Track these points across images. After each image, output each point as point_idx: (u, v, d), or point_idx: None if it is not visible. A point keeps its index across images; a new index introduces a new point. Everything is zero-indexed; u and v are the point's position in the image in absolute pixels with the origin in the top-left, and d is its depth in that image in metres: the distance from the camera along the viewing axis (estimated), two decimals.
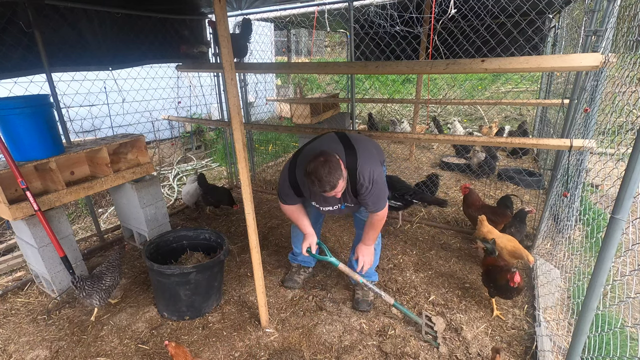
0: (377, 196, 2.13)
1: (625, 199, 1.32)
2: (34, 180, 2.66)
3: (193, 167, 6.24)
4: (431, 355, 2.15)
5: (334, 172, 1.85)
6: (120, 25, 3.36)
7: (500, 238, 2.72)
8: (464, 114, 8.80)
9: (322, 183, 1.85)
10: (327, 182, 1.84)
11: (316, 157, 1.89)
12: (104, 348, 2.27)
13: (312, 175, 1.86)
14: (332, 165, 1.85)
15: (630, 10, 2.09)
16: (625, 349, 1.70)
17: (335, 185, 1.87)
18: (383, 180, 2.16)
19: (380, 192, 2.13)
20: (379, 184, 2.11)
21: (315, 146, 2.17)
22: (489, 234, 2.76)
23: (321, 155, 1.89)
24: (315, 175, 1.85)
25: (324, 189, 1.87)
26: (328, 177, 1.84)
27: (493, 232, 2.77)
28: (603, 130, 2.76)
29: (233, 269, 3.07)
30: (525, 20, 3.49)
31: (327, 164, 1.85)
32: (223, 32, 1.64)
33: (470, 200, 3.31)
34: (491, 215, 3.08)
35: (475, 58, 2.33)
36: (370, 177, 2.07)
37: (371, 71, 2.80)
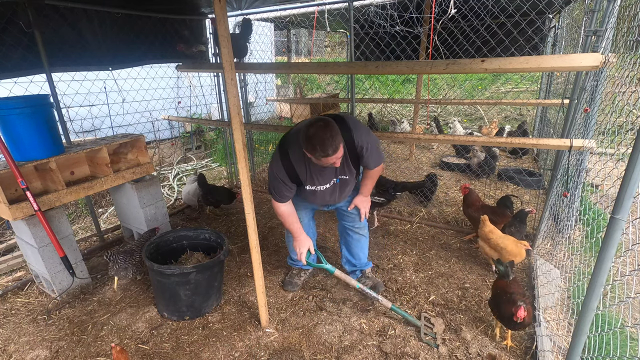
0: (378, 154, 2.26)
1: (625, 199, 1.32)
2: (34, 180, 2.66)
3: (193, 167, 6.24)
4: (431, 355, 2.15)
5: (335, 135, 1.83)
6: (120, 25, 3.36)
7: (502, 238, 2.71)
8: (464, 114, 8.80)
9: (325, 146, 1.81)
10: (329, 144, 1.81)
11: (313, 123, 1.85)
12: (104, 348, 2.27)
13: (313, 139, 1.82)
14: (332, 128, 1.84)
15: (630, 10, 2.09)
16: (625, 349, 1.70)
17: (337, 147, 1.85)
18: (377, 142, 2.27)
19: (378, 149, 2.27)
20: (375, 144, 2.22)
21: (301, 125, 2.11)
22: (490, 233, 2.75)
23: (319, 120, 1.87)
24: (317, 139, 1.81)
25: (327, 153, 1.83)
26: (330, 140, 1.81)
27: (495, 232, 2.77)
28: (603, 130, 2.76)
29: (233, 269, 3.07)
30: (525, 20, 3.49)
31: (327, 127, 1.83)
32: (223, 32, 1.64)
33: (470, 200, 3.31)
34: (491, 215, 3.06)
35: (475, 58, 2.33)
36: (367, 140, 2.16)
37: (371, 71, 2.80)
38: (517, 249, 2.63)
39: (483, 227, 2.82)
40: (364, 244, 2.72)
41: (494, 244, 2.71)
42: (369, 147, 2.17)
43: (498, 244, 2.69)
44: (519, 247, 2.63)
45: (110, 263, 2.67)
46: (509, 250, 2.64)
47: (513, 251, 2.62)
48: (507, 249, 2.64)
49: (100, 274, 3.05)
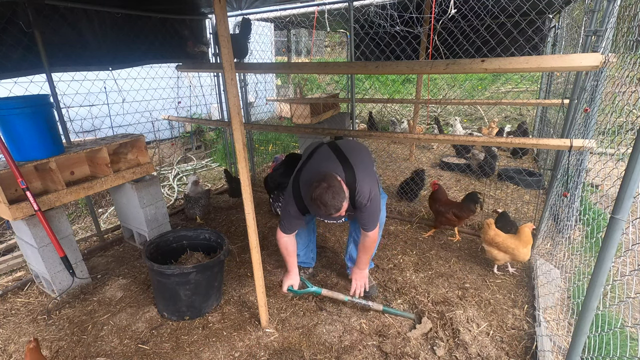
0: (372, 214, 2.25)
1: (625, 199, 1.32)
2: (34, 180, 2.66)
3: (193, 167, 6.24)
4: (431, 355, 2.15)
5: (337, 197, 1.97)
6: (120, 25, 3.36)
7: (510, 239, 2.72)
8: (464, 114, 8.80)
9: (328, 208, 1.97)
10: (332, 206, 1.96)
11: (319, 182, 1.99)
12: (104, 348, 2.27)
13: (317, 200, 1.98)
14: (335, 190, 1.97)
15: (630, 10, 2.09)
16: (625, 349, 1.70)
17: (339, 208, 1.99)
18: (378, 200, 2.27)
19: (375, 210, 2.26)
20: (375, 203, 2.23)
21: (313, 166, 2.25)
22: (497, 237, 2.75)
23: (323, 180, 1.99)
24: (321, 201, 1.96)
25: (330, 213, 2.00)
26: (333, 202, 1.96)
27: (500, 234, 2.77)
28: (603, 130, 2.77)
29: (233, 269, 3.07)
30: (525, 20, 3.49)
31: (330, 189, 1.96)
32: (223, 32, 1.64)
33: (437, 196, 3.42)
34: (457, 211, 3.24)
35: (475, 58, 2.33)
36: (369, 195, 2.17)
37: (371, 71, 2.79)
38: (526, 244, 2.67)
39: (488, 231, 2.81)
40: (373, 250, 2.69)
41: (504, 247, 2.71)
42: (368, 204, 2.18)
43: (508, 245, 2.69)
44: (526, 241, 2.67)
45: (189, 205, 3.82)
46: (521, 250, 2.66)
47: (524, 249, 2.67)
48: (519, 249, 2.66)
49: (100, 274, 3.05)
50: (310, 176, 2.15)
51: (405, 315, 2.44)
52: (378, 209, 2.28)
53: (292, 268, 2.51)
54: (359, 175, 2.17)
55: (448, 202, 3.37)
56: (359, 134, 3.46)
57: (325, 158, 2.28)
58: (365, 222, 2.28)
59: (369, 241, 2.37)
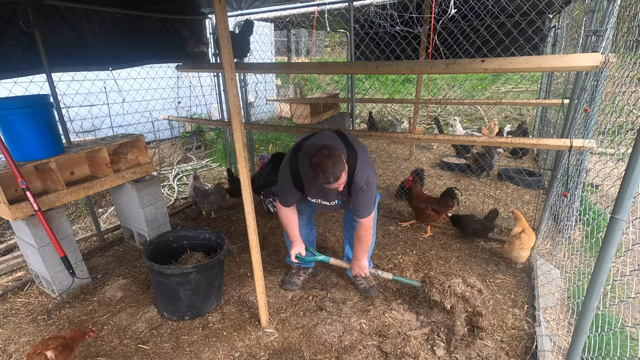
0: (368, 199, 2.21)
1: (625, 199, 1.32)
2: (34, 180, 2.66)
3: (193, 167, 6.24)
4: (431, 355, 2.15)
5: (337, 165, 1.94)
6: (120, 25, 3.36)
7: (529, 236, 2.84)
8: (464, 114, 8.80)
9: (327, 175, 1.92)
10: (331, 173, 1.92)
11: (320, 150, 1.96)
12: (104, 348, 2.27)
13: (317, 167, 1.93)
14: (336, 159, 1.94)
15: (630, 10, 2.09)
16: (625, 349, 1.70)
17: (338, 176, 1.95)
18: (375, 187, 2.24)
19: (371, 196, 2.22)
20: (372, 188, 2.19)
21: (315, 142, 2.21)
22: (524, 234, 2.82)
23: (325, 148, 1.96)
24: (320, 167, 1.92)
25: (328, 181, 1.94)
26: (332, 169, 1.92)
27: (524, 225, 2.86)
28: (603, 130, 2.77)
29: (233, 269, 3.07)
30: (525, 20, 3.49)
31: (331, 156, 1.93)
32: (223, 32, 1.64)
33: (415, 192, 3.51)
34: (435, 206, 3.35)
35: (475, 58, 2.33)
36: (367, 179, 2.15)
37: (371, 71, 2.80)
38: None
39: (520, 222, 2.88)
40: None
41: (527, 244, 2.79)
42: (365, 188, 2.15)
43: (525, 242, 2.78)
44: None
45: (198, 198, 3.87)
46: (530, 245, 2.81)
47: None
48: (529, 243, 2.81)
49: (100, 274, 3.05)
50: (310, 149, 2.08)
51: (414, 284, 2.52)
52: (374, 195, 2.25)
53: (296, 238, 2.48)
54: (360, 157, 2.16)
55: (426, 198, 3.47)
56: (359, 134, 3.46)
57: (328, 137, 2.26)
58: (360, 207, 2.23)
59: (363, 229, 2.31)
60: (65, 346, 1.89)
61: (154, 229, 3.28)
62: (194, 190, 3.98)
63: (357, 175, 2.14)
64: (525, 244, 2.77)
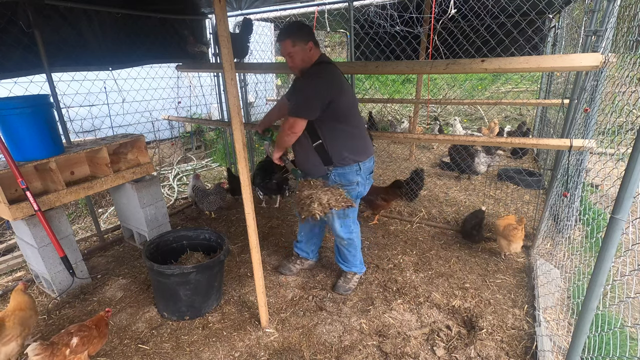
0: (299, 91, 2.23)
1: (625, 199, 1.32)
2: (34, 180, 2.66)
3: (193, 167, 6.24)
4: (431, 355, 2.15)
5: (293, 31, 2.15)
6: (120, 25, 3.36)
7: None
8: (464, 114, 8.80)
9: (282, 30, 2.19)
10: (284, 31, 2.17)
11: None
12: (104, 348, 2.27)
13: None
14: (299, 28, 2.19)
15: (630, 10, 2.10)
16: (625, 349, 1.70)
17: (285, 37, 2.14)
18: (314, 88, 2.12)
19: (304, 93, 2.16)
20: (309, 86, 2.14)
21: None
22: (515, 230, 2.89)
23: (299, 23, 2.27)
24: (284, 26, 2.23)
25: (279, 35, 2.19)
26: (287, 29, 2.17)
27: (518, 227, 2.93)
28: (603, 130, 2.77)
29: (233, 269, 3.07)
30: (525, 20, 3.49)
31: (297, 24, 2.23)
32: (223, 32, 1.64)
33: None
34: (384, 194, 3.58)
35: (475, 58, 2.33)
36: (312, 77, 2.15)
37: (371, 71, 2.80)
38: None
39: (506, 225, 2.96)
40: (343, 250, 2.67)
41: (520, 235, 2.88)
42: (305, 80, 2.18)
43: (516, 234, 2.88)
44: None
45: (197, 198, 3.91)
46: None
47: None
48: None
49: (100, 274, 3.05)
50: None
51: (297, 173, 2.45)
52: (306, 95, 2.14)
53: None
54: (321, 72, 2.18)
55: (376, 189, 3.61)
56: None
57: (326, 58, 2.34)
58: (291, 96, 2.30)
59: (282, 128, 2.23)
60: (88, 334, 1.97)
61: (154, 229, 3.28)
62: (193, 189, 3.98)
63: (312, 68, 2.20)
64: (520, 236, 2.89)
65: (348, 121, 2.24)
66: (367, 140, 2.40)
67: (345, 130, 2.24)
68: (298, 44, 2.14)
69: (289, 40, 2.13)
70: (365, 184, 2.42)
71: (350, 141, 2.27)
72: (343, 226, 2.49)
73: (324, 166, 2.29)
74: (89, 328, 2.00)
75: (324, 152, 2.24)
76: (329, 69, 2.20)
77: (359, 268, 2.76)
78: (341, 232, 2.50)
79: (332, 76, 2.17)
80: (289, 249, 3.17)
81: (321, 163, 2.29)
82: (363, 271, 2.81)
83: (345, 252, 2.67)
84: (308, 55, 2.19)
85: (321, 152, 2.25)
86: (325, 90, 2.10)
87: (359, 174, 2.34)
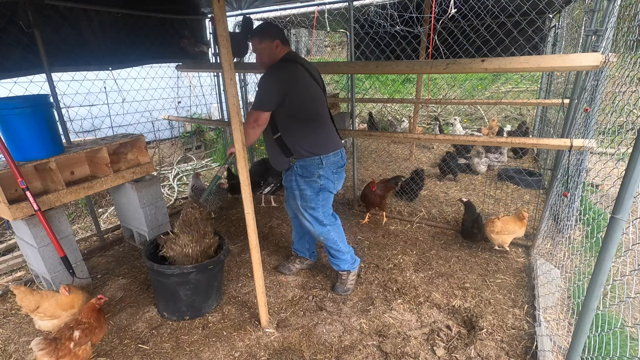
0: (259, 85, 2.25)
1: (625, 199, 1.32)
2: (34, 180, 2.66)
3: (193, 167, 6.24)
4: (431, 355, 2.15)
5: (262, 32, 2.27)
6: (120, 25, 3.36)
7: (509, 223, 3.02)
8: (464, 113, 8.80)
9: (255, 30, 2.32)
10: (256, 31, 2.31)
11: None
12: (104, 348, 2.27)
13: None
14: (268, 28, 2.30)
15: (630, 9, 2.09)
16: (625, 349, 1.70)
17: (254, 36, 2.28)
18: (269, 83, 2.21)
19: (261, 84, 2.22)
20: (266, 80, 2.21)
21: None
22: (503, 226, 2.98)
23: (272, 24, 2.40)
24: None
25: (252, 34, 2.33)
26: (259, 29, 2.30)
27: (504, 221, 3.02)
28: (603, 130, 2.76)
29: (233, 269, 3.07)
30: (525, 20, 3.49)
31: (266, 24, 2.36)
32: (222, 32, 1.64)
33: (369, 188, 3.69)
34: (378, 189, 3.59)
35: (475, 58, 2.33)
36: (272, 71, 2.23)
37: (371, 71, 2.80)
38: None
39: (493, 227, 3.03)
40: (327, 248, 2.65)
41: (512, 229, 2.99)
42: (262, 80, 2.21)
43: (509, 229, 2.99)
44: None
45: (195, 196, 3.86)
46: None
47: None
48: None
49: (100, 273, 3.05)
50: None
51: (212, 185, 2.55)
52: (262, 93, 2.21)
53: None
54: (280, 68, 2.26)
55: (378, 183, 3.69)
56: (358, 134, 3.46)
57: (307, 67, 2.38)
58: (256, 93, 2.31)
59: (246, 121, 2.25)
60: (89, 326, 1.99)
61: (154, 228, 3.28)
62: (192, 189, 3.98)
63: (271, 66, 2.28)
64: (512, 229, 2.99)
65: (303, 116, 2.31)
66: (331, 134, 2.45)
67: (300, 125, 2.32)
68: (264, 42, 2.26)
69: (256, 37, 2.28)
70: (332, 178, 2.45)
71: (306, 135, 2.34)
72: (313, 222, 2.51)
73: (286, 157, 2.39)
74: (86, 320, 2.01)
75: (283, 144, 2.36)
76: (289, 66, 2.28)
77: (349, 264, 2.67)
78: (311, 227, 2.53)
79: (289, 72, 2.26)
80: (289, 249, 3.17)
81: (283, 154, 2.38)
82: (357, 265, 2.73)
83: (327, 248, 2.64)
84: (274, 53, 2.29)
85: (281, 144, 2.36)
86: (279, 84, 2.20)
87: (321, 167, 2.38)
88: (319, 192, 2.43)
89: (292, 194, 2.51)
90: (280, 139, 2.35)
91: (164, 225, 3.38)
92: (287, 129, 2.32)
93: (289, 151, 2.36)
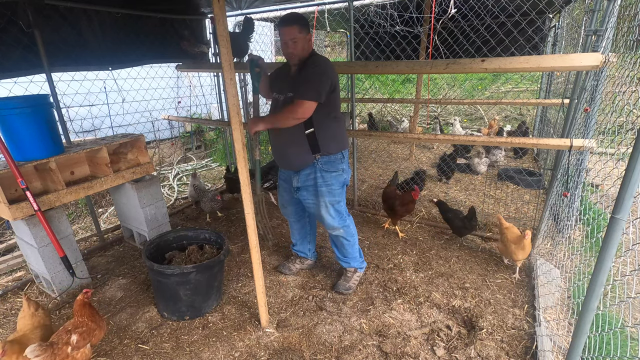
0: (310, 81, 2.13)
1: (625, 199, 1.32)
2: (34, 180, 2.66)
3: (193, 167, 6.24)
4: (431, 355, 2.15)
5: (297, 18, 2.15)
6: (120, 25, 3.36)
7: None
8: (464, 113, 8.80)
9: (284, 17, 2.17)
10: (288, 17, 2.16)
11: None
12: (104, 348, 2.27)
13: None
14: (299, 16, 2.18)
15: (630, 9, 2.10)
16: (626, 349, 1.70)
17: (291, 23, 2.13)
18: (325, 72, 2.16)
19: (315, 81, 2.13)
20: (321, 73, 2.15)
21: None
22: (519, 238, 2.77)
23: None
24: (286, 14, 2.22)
25: (282, 21, 2.16)
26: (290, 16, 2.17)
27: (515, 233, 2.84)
28: (603, 130, 2.77)
29: (233, 269, 3.07)
30: (525, 20, 3.49)
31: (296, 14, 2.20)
32: (222, 32, 1.64)
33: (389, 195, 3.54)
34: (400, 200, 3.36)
35: (475, 58, 2.33)
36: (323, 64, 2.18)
37: (371, 71, 2.80)
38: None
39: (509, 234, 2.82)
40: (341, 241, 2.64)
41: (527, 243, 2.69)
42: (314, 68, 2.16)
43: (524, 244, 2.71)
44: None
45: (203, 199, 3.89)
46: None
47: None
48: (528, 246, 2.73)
49: (100, 273, 3.05)
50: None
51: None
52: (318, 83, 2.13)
53: None
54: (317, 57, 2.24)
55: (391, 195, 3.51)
56: (359, 134, 3.46)
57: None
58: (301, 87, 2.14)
59: (288, 110, 2.14)
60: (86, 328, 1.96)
61: (154, 228, 3.28)
62: (194, 188, 4.00)
63: (313, 57, 2.23)
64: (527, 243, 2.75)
65: (336, 111, 2.33)
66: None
67: (336, 119, 2.33)
68: (303, 32, 2.18)
69: (296, 25, 2.14)
70: (348, 170, 2.50)
71: (338, 130, 2.36)
72: (336, 216, 2.50)
73: (312, 154, 2.33)
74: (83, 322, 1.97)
75: (314, 140, 2.28)
76: (328, 59, 2.30)
77: (359, 263, 2.73)
78: (334, 222, 2.50)
79: (332, 65, 2.26)
80: (289, 249, 3.17)
81: (309, 151, 2.32)
82: (364, 268, 2.80)
83: (344, 242, 2.62)
84: (308, 45, 2.25)
85: (312, 140, 2.28)
86: (331, 75, 2.19)
87: (343, 161, 2.43)
88: (343, 185, 2.49)
89: (315, 192, 2.41)
90: (312, 135, 2.25)
91: (164, 225, 3.38)
92: (322, 123, 2.25)
93: (318, 147, 2.29)
